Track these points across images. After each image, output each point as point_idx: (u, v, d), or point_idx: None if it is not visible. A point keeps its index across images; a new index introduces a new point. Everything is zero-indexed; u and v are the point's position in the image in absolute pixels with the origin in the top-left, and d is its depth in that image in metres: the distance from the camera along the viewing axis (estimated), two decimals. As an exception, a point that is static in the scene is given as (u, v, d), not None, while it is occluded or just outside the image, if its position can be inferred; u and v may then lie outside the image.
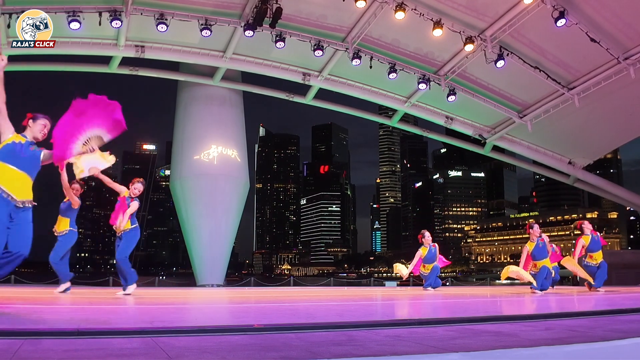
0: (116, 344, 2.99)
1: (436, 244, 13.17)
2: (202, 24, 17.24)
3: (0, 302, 5.62)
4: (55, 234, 8.77)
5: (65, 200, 8.85)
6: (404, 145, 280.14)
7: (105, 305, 6.14)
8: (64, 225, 8.75)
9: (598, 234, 12.33)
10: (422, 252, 12.87)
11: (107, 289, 12.99)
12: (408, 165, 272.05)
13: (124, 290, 8.37)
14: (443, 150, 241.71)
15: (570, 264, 11.94)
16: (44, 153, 5.11)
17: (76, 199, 8.78)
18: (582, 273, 11.81)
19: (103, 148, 5.66)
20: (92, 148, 5.49)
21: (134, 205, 8.57)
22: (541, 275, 10.99)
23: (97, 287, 14.21)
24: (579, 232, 12.33)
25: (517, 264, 11.54)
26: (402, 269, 13.50)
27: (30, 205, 4.88)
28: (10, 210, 4.72)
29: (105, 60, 18.96)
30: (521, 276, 11.14)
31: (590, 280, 11.79)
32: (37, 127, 5.13)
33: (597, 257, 11.87)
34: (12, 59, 17.48)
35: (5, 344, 2.87)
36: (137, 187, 8.71)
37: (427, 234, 13.18)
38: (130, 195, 8.63)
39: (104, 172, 6.86)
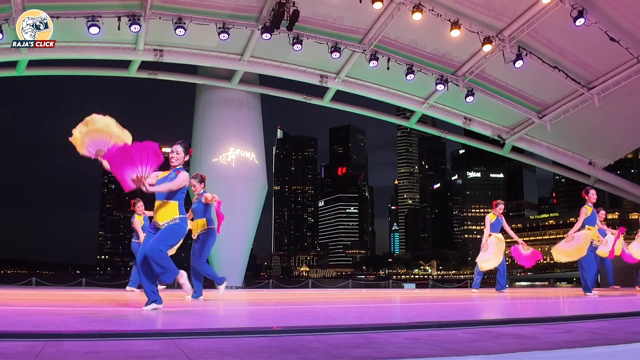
0: (137, 346, 3.02)
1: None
2: (219, 28, 17.34)
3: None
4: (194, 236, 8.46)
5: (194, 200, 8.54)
6: (422, 147, 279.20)
7: (126, 307, 6.19)
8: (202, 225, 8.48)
9: None
10: (490, 217, 12.11)
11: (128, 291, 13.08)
12: (426, 166, 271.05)
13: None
14: (461, 151, 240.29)
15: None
16: None
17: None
18: None
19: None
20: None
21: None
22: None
23: (117, 289, 14.32)
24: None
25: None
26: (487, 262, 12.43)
27: None
28: None
29: (125, 64, 19.18)
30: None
31: None
32: None
33: None
34: (32, 63, 17.81)
35: (27, 345, 2.91)
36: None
37: (501, 203, 12.40)
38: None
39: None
